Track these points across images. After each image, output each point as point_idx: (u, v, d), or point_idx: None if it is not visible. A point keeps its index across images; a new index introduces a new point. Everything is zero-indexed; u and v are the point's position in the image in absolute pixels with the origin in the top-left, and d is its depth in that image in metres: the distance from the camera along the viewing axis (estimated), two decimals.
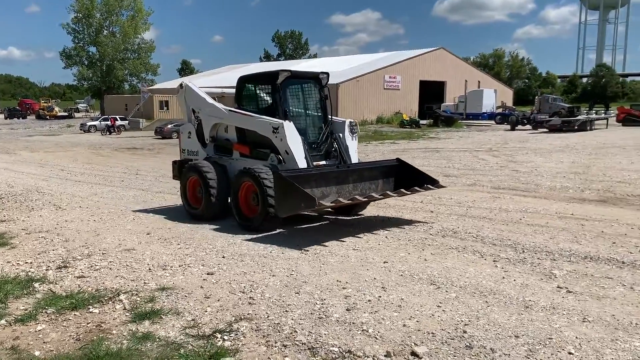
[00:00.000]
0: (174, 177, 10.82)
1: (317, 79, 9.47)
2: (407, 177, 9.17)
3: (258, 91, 9.52)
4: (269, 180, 7.96)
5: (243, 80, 9.65)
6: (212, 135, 9.92)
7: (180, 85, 10.36)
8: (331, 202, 7.95)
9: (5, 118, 75.29)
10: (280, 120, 8.53)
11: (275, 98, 8.92)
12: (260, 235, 8.11)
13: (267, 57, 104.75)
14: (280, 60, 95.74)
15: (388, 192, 8.51)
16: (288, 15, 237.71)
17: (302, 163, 8.46)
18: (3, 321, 4.91)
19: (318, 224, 8.84)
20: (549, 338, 4.36)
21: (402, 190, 8.54)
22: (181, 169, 10.09)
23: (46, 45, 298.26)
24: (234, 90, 9.98)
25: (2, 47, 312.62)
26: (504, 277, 5.96)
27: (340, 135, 9.35)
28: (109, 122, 43.36)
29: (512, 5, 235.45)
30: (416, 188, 8.75)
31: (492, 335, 4.43)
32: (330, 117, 9.44)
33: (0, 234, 8.39)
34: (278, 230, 8.38)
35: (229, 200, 8.96)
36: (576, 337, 4.37)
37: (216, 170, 9.24)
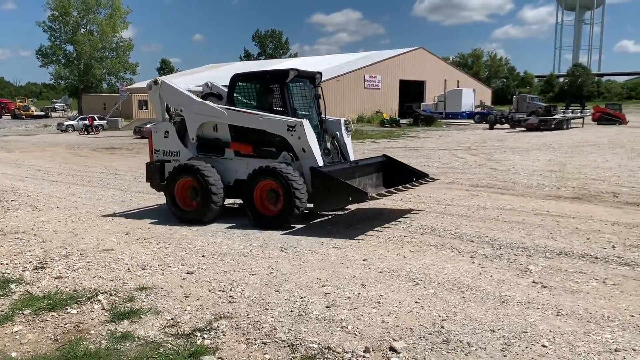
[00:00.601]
0: (148, 180, 10.06)
1: (312, 79, 9.73)
2: (393, 172, 9.89)
3: (257, 89, 9.47)
4: (295, 177, 8.19)
5: (239, 79, 9.44)
6: (198, 135, 9.47)
7: (155, 81, 9.72)
8: (376, 194, 8.22)
9: None
10: (297, 119, 8.62)
11: (284, 96, 8.98)
12: (240, 234, 8.11)
13: (247, 57, 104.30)
14: (260, 59, 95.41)
15: (399, 187, 8.78)
16: (269, 14, 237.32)
17: (320, 161, 8.62)
18: None
19: (300, 225, 8.85)
20: (524, 332, 4.45)
21: (407, 185, 9.08)
22: (161, 171, 9.65)
23: (22, 43, 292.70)
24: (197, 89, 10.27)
25: None
26: (480, 273, 6.05)
27: (337, 133, 9.79)
28: (86, 122, 42.79)
29: (490, 5, 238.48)
30: (414, 183, 9.38)
31: (468, 330, 4.51)
32: (324, 115, 9.61)
33: None
34: (258, 230, 8.39)
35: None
36: (550, 331, 4.47)
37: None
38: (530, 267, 6.27)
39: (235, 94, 9.40)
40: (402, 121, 42.81)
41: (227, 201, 9.47)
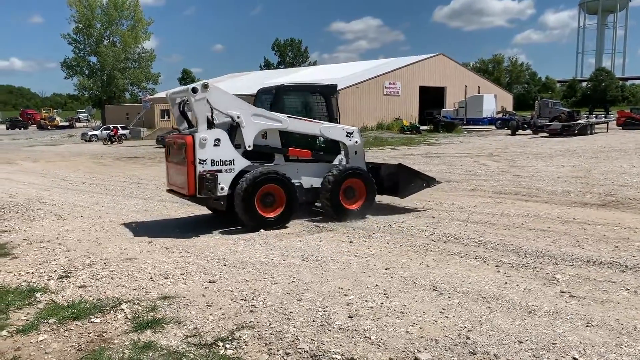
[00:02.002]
0: (199, 193, 8.73)
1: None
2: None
3: (305, 100, 10.32)
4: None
5: (289, 89, 10.21)
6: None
7: (205, 85, 8.86)
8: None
9: (7, 128, 75.44)
10: (353, 127, 10.49)
11: (331, 106, 10.19)
12: (261, 243, 8.11)
13: (267, 66, 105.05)
14: (280, 68, 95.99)
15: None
16: (288, 23, 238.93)
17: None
18: (4, 332, 4.90)
19: (320, 233, 8.83)
20: (553, 343, 4.34)
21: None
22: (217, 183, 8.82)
23: (47, 55, 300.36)
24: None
25: (4, 57, 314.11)
26: (506, 283, 5.94)
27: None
28: (110, 132, 43.44)
29: (511, 11, 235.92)
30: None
31: (495, 341, 4.41)
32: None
33: (2, 245, 8.38)
34: (278, 238, 8.38)
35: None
36: (580, 342, 4.35)
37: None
38: (558, 276, 6.12)
39: (284, 103, 9.80)
40: (422, 128, 42.55)
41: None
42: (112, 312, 5.35)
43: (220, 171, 8.86)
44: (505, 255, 7.06)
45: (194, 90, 8.66)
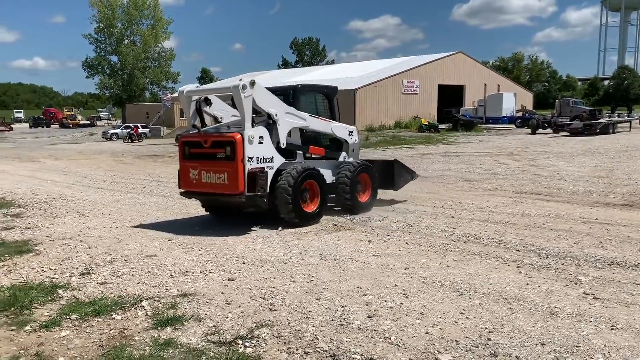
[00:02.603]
0: (249, 191, 8.57)
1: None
2: None
3: (317, 100, 10.69)
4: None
5: (306, 89, 10.56)
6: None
7: (252, 82, 8.77)
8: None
9: (30, 127, 76.85)
10: (352, 126, 11.13)
11: (334, 106, 10.75)
12: (279, 241, 8.12)
13: (285, 64, 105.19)
14: (297, 67, 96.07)
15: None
16: (306, 22, 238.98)
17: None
18: (28, 327, 4.98)
19: (338, 232, 8.83)
20: (577, 346, 4.26)
21: None
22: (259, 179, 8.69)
23: (69, 55, 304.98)
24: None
25: (27, 57, 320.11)
26: (528, 284, 5.86)
27: None
28: (131, 130, 43.92)
29: (532, 8, 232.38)
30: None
31: (517, 343, 4.35)
32: None
33: (25, 241, 8.52)
34: (296, 237, 8.39)
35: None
36: (605, 345, 4.27)
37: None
38: (580, 277, 6.02)
39: (302, 102, 9.94)
40: (441, 126, 42.20)
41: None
42: (132, 309, 5.40)
43: (262, 169, 8.83)
44: (527, 256, 6.97)
45: (244, 87, 8.60)
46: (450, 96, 54.33)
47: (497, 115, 47.36)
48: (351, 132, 10.89)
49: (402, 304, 5.30)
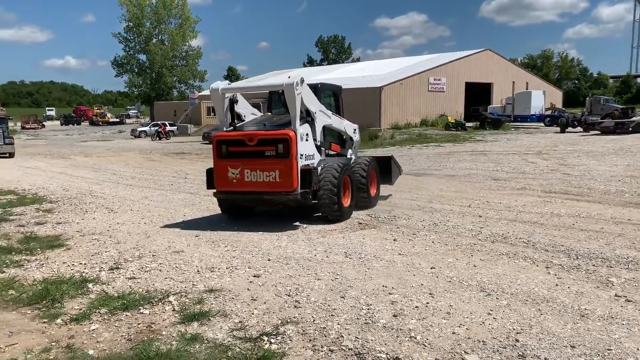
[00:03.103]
0: (303, 188, 8.77)
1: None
2: None
3: (330, 98, 10.88)
4: None
5: (325, 88, 10.65)
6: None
7: (302, 80, 8.89)
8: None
9: (61, 124, 78.59)
10: (356, 124, 11.40)
11: (340, 105, 10.98)
12: (304, 238, 8.13)
13: (311, 62, 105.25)
14: (323, 64, 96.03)
15: None
16: (332, 20, 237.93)
17: None
18: (59, 320, 5.09)
19: (361, 230, 8.80)
20: (608, 349, 4.17)
21: None
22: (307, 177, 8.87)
23: (99, 54, 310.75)
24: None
25: (59, 56, 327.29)
26: (557, 285, 5.75)
27: None
28: (159, 128, 44.52)
29: (562, 4, 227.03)
30: None
31: (546, 345, 4.27)
32: None
33: (57, 236, 8.72)
34: (321, 235, 8.39)
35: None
36: (638, 349, 4.16)
37: None
38: (612, 279, 5.88)
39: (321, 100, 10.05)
40: (468, 124, 41.70)
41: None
42: (160, 303, 5.48)
43: (308, 166, 9.02)
44: (556, 257, 6.83)
45: (297, 84, 8.72)
46: (477, 94, 53.63)
47: (526, 113, 46.59)
48: (355, 129, 11.29)
49: (428, 303, 5.26)
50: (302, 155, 8.79)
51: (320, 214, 9.35)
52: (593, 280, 5.87)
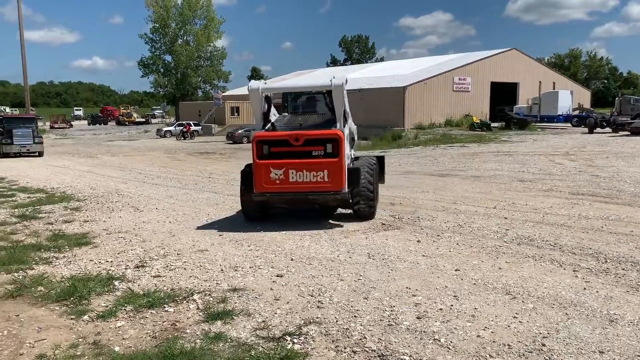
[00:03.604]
0: (348, 186, 8.89)
1: None
2: None
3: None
4: None
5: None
6: None
7: (346, 80, 9.10)
8: None
9: (89, 124, 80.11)
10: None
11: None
12: (327, 239, 8.13)
13: (334, 62, 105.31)
14: (346, 64, 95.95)
15: None
16: (356, 20, 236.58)
17: None
18: (86, 316, 5.18)
19: (384, 231, 8.76)
20: (638, 355, 4.07)
21: None
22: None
23: (126, 55, 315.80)
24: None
25: (87, 57, 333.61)
26: (585, 288, 5.63)
27: None
28: (183, 128, 45.04)
29: (591, 3, 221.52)
30: None
31: (573, 350, 4.19)
32: None
33: (84, 234, 8.87)
34: (344, 235, 8.37)
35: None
36: None
37: None
38: None
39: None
40: (493, 125, 41.19)
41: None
42: (184, 302, 5.53)
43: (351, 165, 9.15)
44: (584, 260, 6.70)
45: (346, 80, 8.92)
46: (503, 94, 52.94)
47: (553, 113, 45.84)
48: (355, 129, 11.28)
49: (452, 305, 5.20)
50: (346, 155, 8.92)
51: (353, 212, 9.42)
52: (622, 285, 5.74)
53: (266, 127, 9.35)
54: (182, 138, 43.19)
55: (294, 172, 8.67)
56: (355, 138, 11.17)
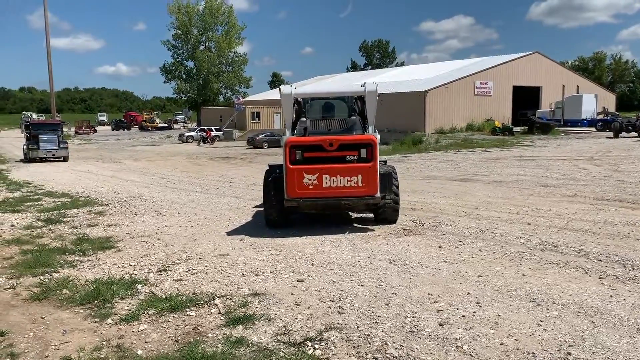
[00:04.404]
0: (382, 191, 8.91)
1: None
2: None
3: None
4: None
5: None
6: None
7: (378, 85, 9.22)
8: None
9: (112, 129, 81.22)
10: None
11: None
12: (347, 244, 8.11)
13: (354, 67, 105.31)
14: (367, 69, 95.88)
15: None
16: (377, 24, 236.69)
17: None
18: (109, 320, 5.24)
19: (405, 236, 8.71)
20: None
21: None
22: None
23: (149, 61, 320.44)
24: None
25: (111, 63, 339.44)
26: (611, 296, 5.52)
27: None
28: (204, 133, 45.44)
29: (616, 5, 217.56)
30: None
31: (600, 359, 4.10)
32: None
33: (108, 238, 9.00)
34: (365, 240, 8.34)
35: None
36: None
37: None
38: None
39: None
40: (515, 129, 40.70)
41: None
42: (206, 306, 5.56)
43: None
44: (610, 267, 6.57)
45: (377, 84, 8.94)
46: (525, 98, 52.34)
47: (576, 117, 45.14)
48: None
49: (475, 312, 5.14)
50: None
51: (377, 215, 9.47)
52: None
53: (295, 132, 9.39)
54: (203, 143, 43.56)
55: (328, 177, 8.61)
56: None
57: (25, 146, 28.23)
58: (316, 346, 4.50)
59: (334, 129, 9.56)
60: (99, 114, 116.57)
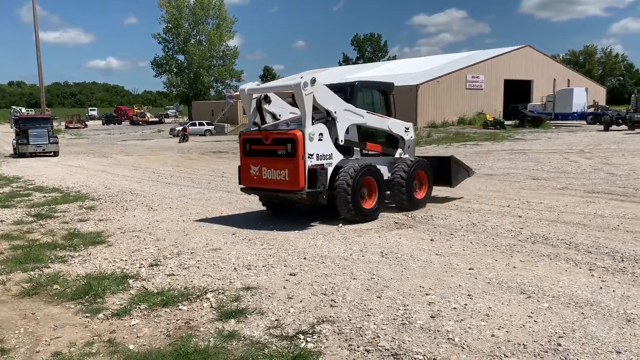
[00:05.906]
0: (309, 187, 8.77)
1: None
2: None
3: (372, 96, 10.65)
4: None
5: (363, 86, 10.42)
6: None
7: (313, 80, 8.86)
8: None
9: (103, 124, 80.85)
10: (409, 122, 11.02)
11: (390, 103, 10.72)
12: (340, 237, 8.12)
13: (346, 61, 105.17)
14: (359, 63, 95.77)
15: None
16: (369, 18, 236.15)
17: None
18: (101, 315, 5.22)
19: (397, 229, 8.74)
20: None
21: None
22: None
23: (140, 55, 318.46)
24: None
25: (102, 58, 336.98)
26: (601, 288, 5.57)
27: None
28: (181, 129, 43.45)
29: None
30: None
31: (590, 350, 4.14)
32: None
33: (99, 233, 8.95)
34: (357, 234, 8.36)
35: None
36: None
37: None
38: None
39: (359, 99, 9.95)
40: (506, 123, 40.90)
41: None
42: (198, 300, 5.56)
43: (322, 166, 8.99)
44: (600, 259, 6.62)
45: (305, 85, 8.72)
46: (516, 91, 52.55)
47: (567, 111, 45.44)
48: (407, 128, 10.88)
49: (466, 305, 5.17)
50: (311, 155, 8.80)
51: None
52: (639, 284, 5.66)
53: (252, 128, 9.72)
54: (184, 140, 41.90)
55: (265, 169, 9.25)
56: (405, 137, 10.72)
57: (14, 141, 27.99)
58: (308, 339, 4.51)
59: (292, 123, 9.53)
60: (89, 108, 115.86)
